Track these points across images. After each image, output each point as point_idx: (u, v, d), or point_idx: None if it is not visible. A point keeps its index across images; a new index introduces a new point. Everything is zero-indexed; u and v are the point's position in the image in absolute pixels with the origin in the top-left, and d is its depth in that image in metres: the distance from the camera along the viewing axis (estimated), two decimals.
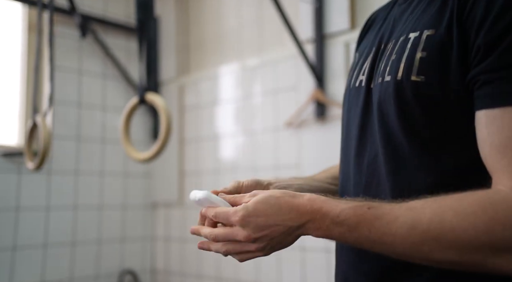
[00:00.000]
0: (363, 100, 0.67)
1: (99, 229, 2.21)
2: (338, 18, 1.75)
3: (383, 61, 0.64)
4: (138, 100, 1.15)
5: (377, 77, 0.64)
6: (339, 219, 0.54)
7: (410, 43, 0.59)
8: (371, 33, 0.75)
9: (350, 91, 0.72)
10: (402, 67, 0.58)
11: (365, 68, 0.69)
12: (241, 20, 2.18)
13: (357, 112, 0.68)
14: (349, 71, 0.77)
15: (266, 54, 2.04)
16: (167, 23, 2.44)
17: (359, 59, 0.73)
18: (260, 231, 0.56)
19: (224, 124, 2.19)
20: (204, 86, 2.28)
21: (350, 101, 0.71)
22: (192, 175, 2.31)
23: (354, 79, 0.71)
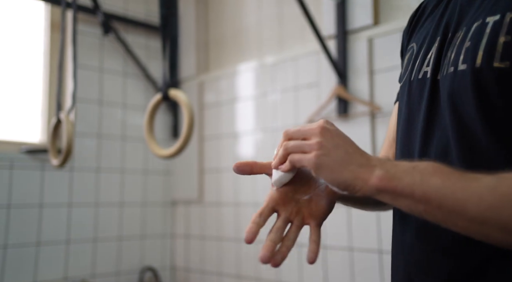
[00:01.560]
0: (428, 93, 0.62)
1: (120, 226, 2.23)
2: (362, 14, 1.72)
3: (453, 50, 0.59)
4: (161, 97, 1.14)
5: (447, 67, 0.59)
6: (412, 167, 0.51)
7: (489, 27, 0.54)
8: (429, 22, 0.70)
9: (411, 84, 0.67)
10: (481, 53, 0.53)
11: (430, 59, 0.64)
12: (261, 17, 2.16)
13: (422, 106, 0.63)
14: (406, 64, 0.71)
15: (287, 51, 2.02)
16: (187, 20, 2.44)
17: (419, 50, 0.68)
18: (333, 142, 0.55)
19: (244, 122, 2.18)
20: (224, 84, 2.27)
21: (413, 94, 0.66)
22: (211, 172, 2.31)
23: (416, 71, 0.66)
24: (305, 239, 0.67)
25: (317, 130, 0.55)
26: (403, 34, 0.81)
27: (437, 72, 0.62)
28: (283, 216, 0.62)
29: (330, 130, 0.56)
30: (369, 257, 1.64)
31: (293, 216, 0.62)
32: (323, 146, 0.54)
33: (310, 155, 0.55)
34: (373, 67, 1.70)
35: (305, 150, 0.56)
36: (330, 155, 0.54)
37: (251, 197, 2.11)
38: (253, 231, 0.59)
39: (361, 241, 1.68)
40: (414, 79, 0.66)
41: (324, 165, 0.54)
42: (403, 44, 0.80)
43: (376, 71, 1.69)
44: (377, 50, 1.69)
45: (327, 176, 0.55)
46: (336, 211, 1.70)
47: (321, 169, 0.54)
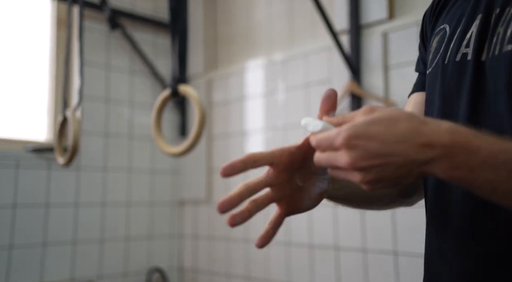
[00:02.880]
0: (472, 77, 0.56)
1: (127, 226, 2.19)
2: (376, 7, 1.67)
3: (507, 26, 0.53)
4: (170, 92, 1.10)
5: (499, 46, 0.53)
6: (498, 160, 0.42)
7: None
8: (463, 1, 0.64)
9: (444, 68, 0.60)
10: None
11: (470, 39, 0.58)
12: (271, 13, 2.11)
13: (463, 92, 0.57)
14: (436, 47, 0.64)
15: (297, 47, 1.97)
16: (195, 17, 2.40)
17: (454, 30, 0.61)
18: (370, 159, 0.44)
19: (253, 120, 2.13)
20: (233, 81, 2.23)
21: (448, 80, 0.59)
22: (219, 171, 2.26)
23: (451, 54, 0.60)
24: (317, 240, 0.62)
25: (343, 141, 0.45)
26: (426, 15, 0.74)
27: (481, 54, 0.56)
28: (272, 195, 0.57)
29: (358, 137, 0.45)
30: (384, 258, 1.59)
31: (275, 192, 0.57)
32: (366, 175, 0.45)
33: (362, 186, 0.46)
34: (387, 63, 1.64)
35: (340, 167, 0.47)
36: (379, 176, 0.45)
37: None
38: (231, 201, 0.53)
39: (375, 242, 1.63)
40: (449, 62, 0.60)
41: (381, 185, 0.46)
42: (425, 26, 0.73)
43: (391, 66, 1.63)
44: (392, 45, 1.63)
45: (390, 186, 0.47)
46: (349, 211, 1.62)
47: (379, 187, 0.46)
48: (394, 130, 0.44)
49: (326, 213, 1.78)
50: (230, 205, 0.52)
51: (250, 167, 0.52)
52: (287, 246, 1.94)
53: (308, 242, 1.84)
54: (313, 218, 1.84)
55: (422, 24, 0.75)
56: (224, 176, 0.52)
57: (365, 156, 0.44)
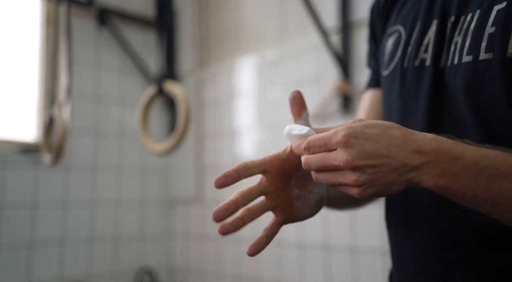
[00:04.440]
0: (430, 83, 0.58)
1: (116, 226, 2.17)
2: (365, 4, 1.66)
3: (465, 35, 0.55)
4: (156, 90, 1.08)
5: (458, 56, 0.55)
6: (479, 167, 0.44)
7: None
8: (415, 2, 0.64)
9: (404, 72, 0.62)
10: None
11: (428, 45, 0.59)
12: (262, 11, 2.10)
13: (421, 97, 0.59)
14: (392, 49, 0.65)
15: (287, 45, 1.97)
16: (186, 15, 2.38)
17: (409, 33, 0.63)
18: (366, 159, 0.44)
19: (244, 118, 2.12)
20: (223, 80, 2.22)
21: (408, 84, 0.61)
22: (210, 170, 2.25)
23: (411, 58, 0.61)
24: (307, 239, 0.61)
25: (342, 138, 0.45)
26: (374, 10, 0.73)
27: (439, 60, 0.58)
28: (267, 203, 0.56)
29: (356, 137, 0.45)
30: (373, 258, 1.59)
31: (270, 200, 0.56)
32: (361, 176, 0.45)
33: (353, 190, 0.46)
34: None
35: (341, 186, 0.48)
36: (373, 180, 0.45)
37: None
38: (226, 210, 0.51)
39: (365, 241, 1.63)
40: (408, 67, 0.61)
41: (371, 192, 0.46)
42: (374, 21, 0.73)
43: None
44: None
45: (379, 195, 0.48)
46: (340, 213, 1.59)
47: (369, 193, 0.46)
48: (389, 134, 0.45)
49: None
50: (225, 213, 0.51)
51: (244, 176, 0.52)
52: (278, 246, 1.93)
53: (297, 241, 1.83)
54: None
55: (371, 19, 0.75)
56: (218, 187, 0.51)
57: (362, 154, 0.44)
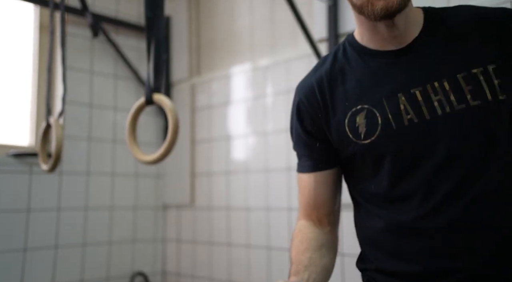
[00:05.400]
0: (431, 135, 0.74)
1: (110, 231, 2.20)
2: (353, 18, 1.69)
3: (446, 93, 0.74)
4: (145, 101, 1.12)
5: (448, 107, 0.73)
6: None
7: (480, 75, 0.74)
8: (356, 85, 0.79)
9: (395, 132, 0.75)
10: (488, 92, 0.73)
11: (406, 109, 0.75)
12: (254, 20, 2.14)
13: (432, 147, 0.74)
14: (366, 122, 0.77)
15: (279, 54, 2.00)
16: (179, 23, 2.42)
17: (381, 107, 0.76)
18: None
19: (236, 125, 2.15)
20: (216, 87, 2.25)
21: (406, 140, 0.75)
22: (203, 176, 2.28)
23: (397, 122, 0.75)
24: None
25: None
26: (300, 110, 0.84)
27: (423, 115, 0.74)
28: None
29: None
30: None
31: None
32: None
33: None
34: None
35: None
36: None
37: (243, 202, 2.09)
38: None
39: (351, 247, 1.66)
40: (399, 127, 0.75)
41: None
42: (303, 119, 0.84)
43: None
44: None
45: None
46: None
47: None
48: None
49: None
50: None
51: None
52: (268, 250, 1.96)
53: (288, 246, 1.87)
54: (294, 223, 1.86)
55: (298, 116, 0.85)
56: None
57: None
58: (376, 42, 0.80)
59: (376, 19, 0.75)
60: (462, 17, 0.79)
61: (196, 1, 2.39)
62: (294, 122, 0.87)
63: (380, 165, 0.77)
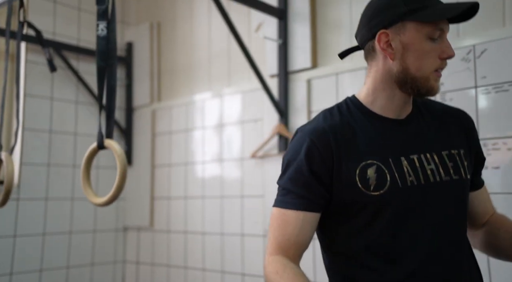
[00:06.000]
0: (424, 198, 0.85)
1: (69, 254, 2.23)
2: (301, 57, 1.82)
3: (436, 165, 0.86)
4: (97, 146, 1.19)
5: (438, 177, 0.86)
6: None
7: (457, 156, 0.89)
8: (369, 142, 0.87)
9: (401, 190, 0.84)
10: (462, 170, 0.89)
11: (408, 172, 0.85)
12: (212, 52, 2.23)
13: (425, 209, 0.85)
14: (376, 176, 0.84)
15: (235, 86, 2.10)
16: (140, 49, 2.49)
17: (388, 166, 0.85)
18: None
19: (195, 151, 2.23)
20: (176, 113, 2.33)
21: (408, 199, 0.84)
22: (163, 199, 2.35)
23: (402, 181, 0.84)
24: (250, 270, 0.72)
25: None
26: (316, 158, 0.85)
27: (419, 180, 0.85)
28: None
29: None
30: None
31: None
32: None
33: None
34: (311, 108, 1.79)
35: None
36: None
37: (200, 226, 2.16)
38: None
39: None
40: (403, 187, 0.84)
41: None
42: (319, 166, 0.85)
43: (313, 111, 1.79)
44: (315, 92, 1.79)
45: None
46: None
47: None
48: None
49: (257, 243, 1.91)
50: None
51: None
52: (222, 274, 2.05)
53: (241, 270, 1.96)
54: (247, 248, 1.96)
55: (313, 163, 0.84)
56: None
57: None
58: (384, 109, 0.88)
59: (421, 96, 0.87)
60: (437, 108, 0.95)
61: (157, 29, 2.47)
62: (299, 161, 0.86)
63: (379, 216, 0.83)
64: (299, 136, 0.88)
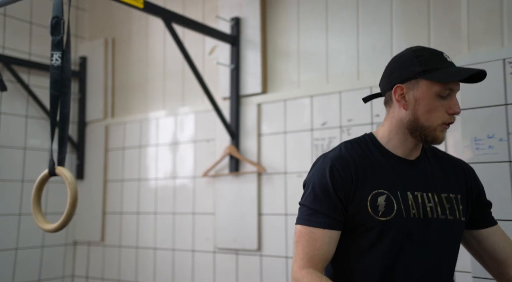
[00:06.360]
0: (422, 229, 0.97)
1: (14, 271, 2.19)
2: (252, 82, 1.91)
3: (436, 204, 1.00)
4: (48, 173, 1.22)
5: (436, 214, 0.99)
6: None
7: (454, 200, 1.02)
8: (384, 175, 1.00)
9: (404, 219, 0.97)
10: (457, 213, 1.01)
11: (412, 205, 0.98)
12: (167, 71, 2.28)
13: (422, 239, 0.97)
14: (386, 204, 0.97)
15: (189, 106, 2.16)
16: (94, 64, 2.49)
17: (396, 197, 0.98)
18: None
19: (148, 168, 2.27)
20: (130, 130, 2.35)
21: (409, 228, 0.97)
22: (115, 214, 2.36)
23: (406, 212, 0.97)
24: None
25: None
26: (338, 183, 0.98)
27: (420, 214, 0.98)
28: None
29: None
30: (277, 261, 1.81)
31: None
32: None
33: None
34: (261, 131, 1.89)
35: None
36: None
37: (152, 242, 2.20)
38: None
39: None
40: (407, 217, 0.97)
41: None
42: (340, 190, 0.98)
43: (263, 134, 1.88)
44: (265, 116, 1.89)
45: None
46: None
47: None
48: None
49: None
50: None
51: None
52: None
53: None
54: (198, 264, 2.02)
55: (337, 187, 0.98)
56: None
57: None
58: (397, 149, 1.01)
59: (427, 143, 0.99)
60: (443, 156, 1.09)
61: (112, 45, 2.49)
62: (324, 183, 0.97)
63: (383, 239, 0.96)
64: (322, 161, 1.01)
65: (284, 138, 1.82)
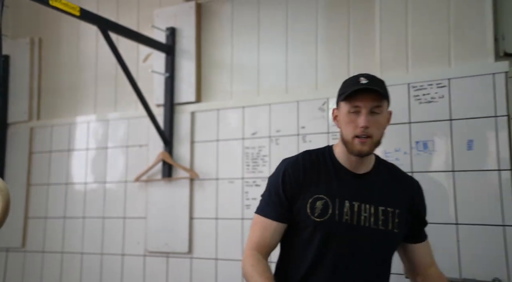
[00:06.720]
0: (352, 234, 1.12)
1: None
2: (186, 91, 1.98)
3: (369, 214, 1.14)
4: None
5: (368, 223, 1.13)
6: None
7: (390, 213, 1.15)
8: (327, 183, 1.15)
9: (336, 223, 1.12)
10: (391, 224, 1.15)
11: (347, 212, 1.13)
12: (99, 75, 2.26)
13: (350, 242, 1.12)
14: (323, 207, 1.13)
15: (122, 111, 2.17)
16: (18, 63, 2.39)
17: (333, 203, 1.13)
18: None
19: (77, 172, 2.23)
20: (58, 133, 2.30)
21: (339, 230, 1.12)
22: (39, 219, 2.29)
23: (339, 217, 1.12)
24: None
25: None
26: (291, 181, 1.16)
27: (353, 220, 1.13)
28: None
29: None
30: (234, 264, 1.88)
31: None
32: None
33: None
34: (194, 138, 1.97)
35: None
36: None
37: (79, 246, 2.17)
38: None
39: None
40: (339, 221, 1.12)
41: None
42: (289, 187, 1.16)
43: (196, 142, 1.96)
44: (198, 124, 1.97)
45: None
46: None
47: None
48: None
49: None
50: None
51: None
52: None
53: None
54: (129, 268, 2.04)
55: (287, 183, 1.16)
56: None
57: None
58: (345, 163, 1.18)
59: (352, 154, 1.14)
60: (396, 174, 1.23)
61: (39, 45, 2.41)
62: (276, 183, 1.17)
63: (314, 237, 1.13)
64: (281, 164, 1.20)
65: (216, 146, 1.91)
